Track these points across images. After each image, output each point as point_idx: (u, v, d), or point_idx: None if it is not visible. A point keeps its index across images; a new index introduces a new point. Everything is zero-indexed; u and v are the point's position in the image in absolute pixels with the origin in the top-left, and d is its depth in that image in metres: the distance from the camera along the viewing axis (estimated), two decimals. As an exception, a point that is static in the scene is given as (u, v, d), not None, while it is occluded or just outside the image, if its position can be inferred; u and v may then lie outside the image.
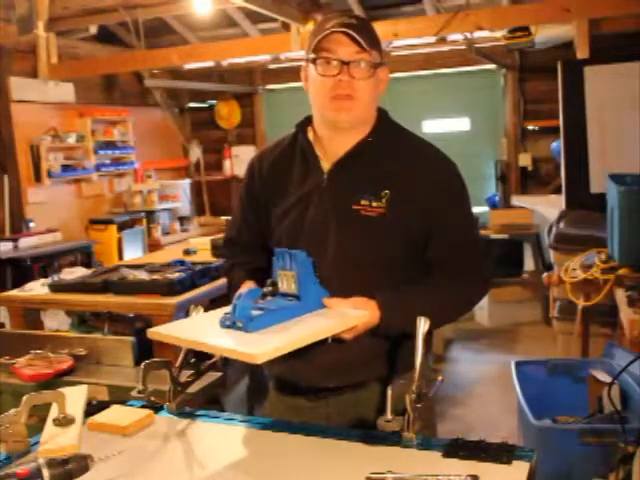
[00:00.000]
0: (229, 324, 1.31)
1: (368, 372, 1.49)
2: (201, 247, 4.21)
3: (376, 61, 1.43)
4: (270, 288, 1.40)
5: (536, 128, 6.52)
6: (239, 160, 7.65)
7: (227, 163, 7.77)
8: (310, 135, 1.53)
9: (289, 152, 1.56)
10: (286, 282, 1.40)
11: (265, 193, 1.57)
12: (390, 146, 1.50)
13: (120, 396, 1.77)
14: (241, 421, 1.46)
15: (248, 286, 1.44)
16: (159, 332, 1.36)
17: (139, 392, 1.44)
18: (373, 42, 1.43)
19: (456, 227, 1.50)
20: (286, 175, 1.54)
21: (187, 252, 4.13)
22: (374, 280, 1.43)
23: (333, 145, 1.50)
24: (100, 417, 1.44)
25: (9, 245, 5.26)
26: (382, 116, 1.54)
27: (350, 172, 1.48)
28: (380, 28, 1.52)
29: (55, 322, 3.51)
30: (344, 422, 1.49)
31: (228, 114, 7.80)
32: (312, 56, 1.44)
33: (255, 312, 1.31)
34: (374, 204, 1.44)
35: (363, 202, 1.44)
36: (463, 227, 1.52)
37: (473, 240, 1.55)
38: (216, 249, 3.88)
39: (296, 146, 1.56)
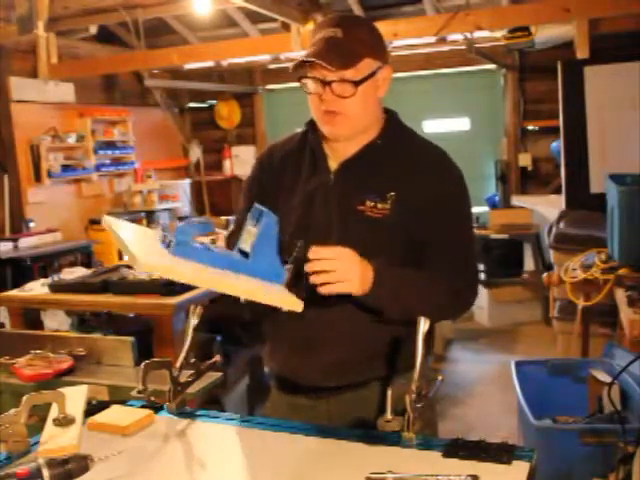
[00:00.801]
0: (165, 242, 1.27)
1: (369, 372, 1.49)
2: (201, 247, 4.20)
3: (365, 73, 1.41)
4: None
5: (536, 128, 6.51)
6: (239, 160, 7.64)
7: (227, 163, 7.76)
8: (320, 134, 1.54)
9: (299, 149, 1.57)
10: (246, 239, 1.33)
11: (274, 186, 1.56)
12: (397, 149, 1.50)
13: (120, 396, 1.77)
14: (241, 421, 1.46)
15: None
16: (110, 221, 1.33)
17: (139, 392, 1.44)
18: (360, 53, 1.40)
19: (454, 230, 1.49)
20: (295, 171, 1.55)
21: (187, 252, 4.13)
22: None
23: (341, 146, 1.50)
24: (100, 417, 1.44)
25: (9, 245, 5.26)
26: (391, 118, 1.54)
27: (356, 173, 1.48)
28: (380, 28, 1.50)
29: (55, 322, 3.50)
30: (345, 421, 1.49)
31: (228, 114, 7.80)
32: (299, 75, 1.44)
33: (195, 245, 1.26)
34: (379, 206, 1.44)
35: (368, 203, 1.44)
36: (461, 231, 1.51)
37: (469, 244, 1.54)
38: (216, 249, 3.87)
39: (306, 144, 1.56)
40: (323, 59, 1.37)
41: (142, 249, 1.23)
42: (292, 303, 1.28)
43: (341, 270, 1.30)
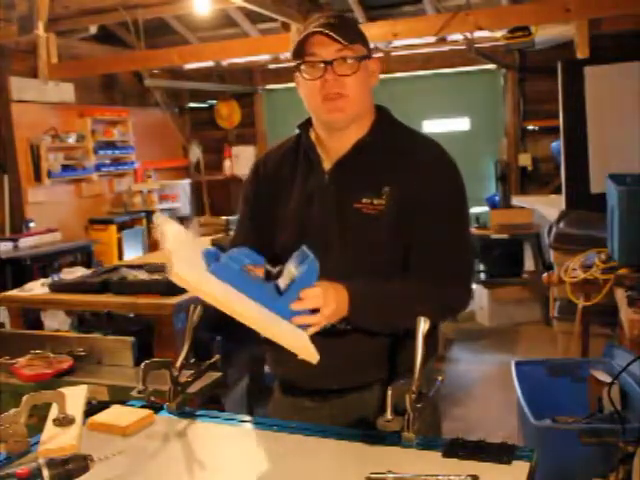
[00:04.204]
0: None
1: (371, 374, 1.49)
2: (201, 247, 4.19)
3: (361, 54, 1.44)
4: (274, 271, 1.32)
5: (536, 128, 6.52)
6: (239, 160, 7.65)
7: (227, 163, 7.77)
8: (312, 135, 1.54)
9: (293, 152, 1.57)
10: (285, 276, 1.30)
11: (271, 192, 1.57)
12: (389, 143, 1.50)
13: (120, 396, 1.77)
14: (241, 421, 1.46)
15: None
16: (161, 220, 1.30)
17: (139, 392, 1.44)
18: (355, 36, 1.43)
19: (443, 227, 1.44)
20: (290, 175, 1.55)
21: (187, 252, 4.12)
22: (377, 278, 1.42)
23: (333, 145, 1.50)
24: (100, 417, 1.44)
25: (9, 245, 5.26)
26: (381, 114, 1.54)
27: (350, 171, 1.48)
28: (380, 28, 1.52)
29: (55, 322, 3.50)
30: (348, 423, 1.48)
31: (228, 114, 7.80)
32: (296, 62, 1.45)
33: (234, 267, 1.25)
34: (375, 202, 1.43)
35: (364, 200, 1.44)
36: (451, 228, 1.46)
37: (459, 242, 1.47)
38: (216, 249, 3.87)
39: (300, 147, 1.56)
40: (331, 31, 1.38)
41: (183, 257, 1.21)
42: (309, 353, 1.25)
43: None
